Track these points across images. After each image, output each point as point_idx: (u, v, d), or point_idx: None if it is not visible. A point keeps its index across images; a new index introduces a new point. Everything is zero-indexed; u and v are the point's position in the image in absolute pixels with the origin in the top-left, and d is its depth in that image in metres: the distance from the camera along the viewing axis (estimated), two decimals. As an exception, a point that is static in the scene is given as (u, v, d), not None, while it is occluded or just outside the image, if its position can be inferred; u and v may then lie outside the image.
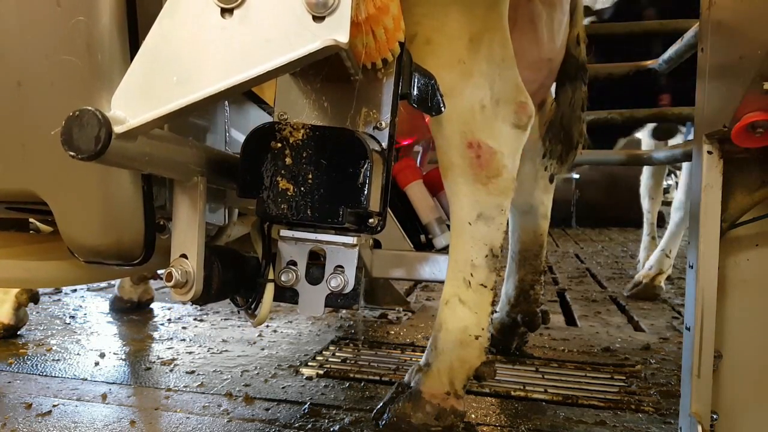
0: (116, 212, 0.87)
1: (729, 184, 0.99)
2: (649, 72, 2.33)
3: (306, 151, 0.86)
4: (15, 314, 2.06)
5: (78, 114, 0.64)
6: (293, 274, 1.00)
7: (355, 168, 0.86)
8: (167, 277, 0.88)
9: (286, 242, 1.00)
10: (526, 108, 1.31)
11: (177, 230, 0.90)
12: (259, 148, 0.87)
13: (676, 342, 2.20)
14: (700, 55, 1.01)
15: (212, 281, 0.94)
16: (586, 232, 8.33)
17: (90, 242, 0.89)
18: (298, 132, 0.87)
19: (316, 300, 1.00)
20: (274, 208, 0.87)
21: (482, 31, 1.25)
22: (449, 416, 1.29)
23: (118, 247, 0.89)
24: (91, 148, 0.64)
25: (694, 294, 1.00)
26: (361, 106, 0.98)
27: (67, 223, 0.89)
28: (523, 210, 1.93)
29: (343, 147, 0.86)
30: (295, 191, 0.86)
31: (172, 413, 1.43)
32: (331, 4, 0.65)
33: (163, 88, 0.69)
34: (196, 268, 0.89)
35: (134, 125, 0.67)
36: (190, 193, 0.89)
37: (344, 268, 0.99)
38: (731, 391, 1.02)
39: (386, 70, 0.95)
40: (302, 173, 0.86)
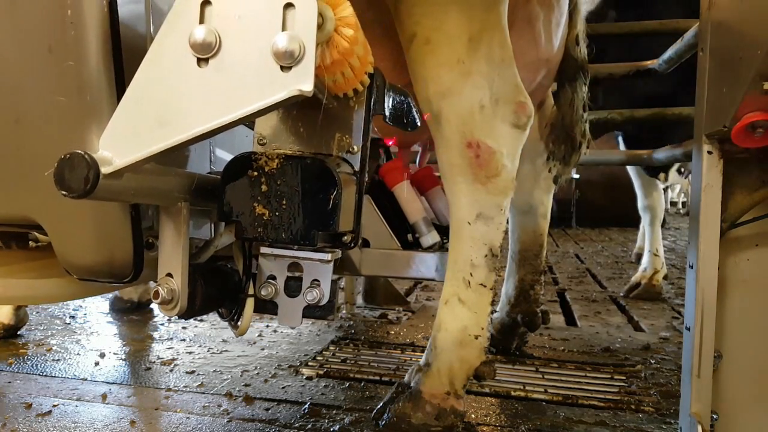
0: (107, 236, 0.95)
1: (729, 184, 0.99)
2: (649, 72, 2.33)
3: (280, 179, 0.94)
4: (15, 314, 2.06)
5: (69, 157, 0.70)
6: (272, 288, 1.07)
7: (325, 194, 0.93)
8: (154, 296, 0.96)
9: (266, 258, 1.08)
10: (526, 108, 1.31)
11: (163, 251, 0.97)
12: (237, 176, 0.95)
13: (676, 342, 2.20)
14: (700, 55, 1.01)
15: (196, 297, 1.01)
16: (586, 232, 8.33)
17: (83, 263, 0.96)
18: (273, 161, 0.94)
19: (294, 311, 1.08)
20: (251, 231, 0.95)
21: (481, 31, 1.25)
22: (449, 416, 1.29)
23: (109, 267, 0.97)
24: (81, 187, 0.71)
25: (694, 294, 0.99)
26: (335, 132, 1.05)
27: (61, 245, 0.96)
28: (523, 210, 1.93)
29: (314, 175, 0.94)
30: (271, 216, 0.94)
31: (172, 413, 1.43)
32: (297, 56, 0.71)
33: (147, 130, 0.75)
34: (180, 286, 0.97)
35: (120, 166, 0.74)
36: (175, 217, 0.96)
37: (320, 282, 1.07)
38: (731, 391, 1.01)
39: (357, 98, 1.02)
40: (277, 199, 0.94)
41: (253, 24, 0.73)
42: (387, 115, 1.07)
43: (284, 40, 0.70)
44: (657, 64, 2.26)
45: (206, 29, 0.73)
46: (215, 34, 0.73)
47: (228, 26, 0.73)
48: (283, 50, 0.70)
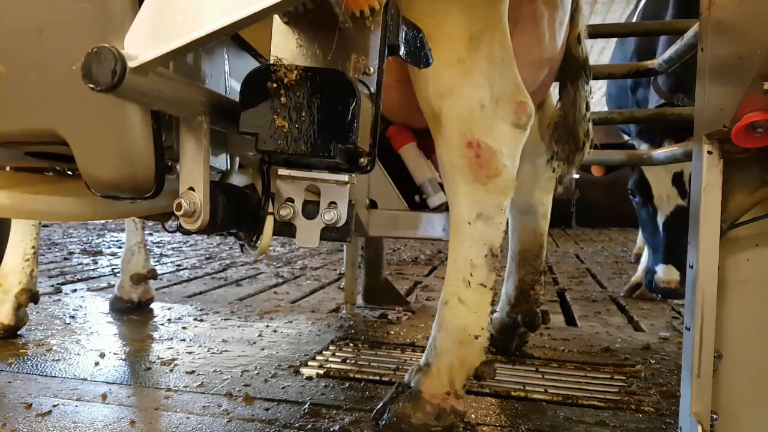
0: (130, 148, 0.95)
1: (729, 184, 0.99)
2: (649, 72, 2.33)
3: (299, 90, 0.94)
4: (15, 314, 2.06)
5: (96, 50, 0.72)
6: (291, 209, 1.08)
7: (344, 106, 0.93)
8: (177, 207, 0.97)
9: (284, 181, 1.09)
10: (526, 107, 1.31)
11: (184, 165, 0.99)
12: (256, 88, 0.95)
13: (676, 342, 2.20)
14: (700, 55, 1.01)
15: (217, 212, 1.03)
16: (586, 232, 8.33)
17: (106, 176, 0.97)
18: (292, 73, 0.94)
19: (312, 232, 1.09)
20: (271, 144, 0.94)
21: (482, 30, 1.25)
22: (449, 416, 1.29)
23: (132, 181, 0.97)
24: (108, 80, 0.72)
25: (694, 294, 0.99)
26: (351, 53, 1.04)
27: (85, 160, 0.97)
28: (523, 210, 1.93)
29: (333, 87, 0.94)
30: (290, 128, 0.94)
31: (172, 413, 1.43)
32: None
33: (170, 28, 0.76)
34: (203, 200, 0.98)
35: (146, 60, 0.75)
36: (195, 131, 0.97)
37: (337, 204, 1.08)
38: (731, 392, 1.01)
39: (374, 18, 1.01)
40: (296, 111, 0.94)
41: None
42: (401, 47, 1.06)
43: None
44: (657, 64, 2.26)
45: None
46: None
47: None
48: None
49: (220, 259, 4.43)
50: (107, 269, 3.82)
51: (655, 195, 2.54)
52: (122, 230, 5.91)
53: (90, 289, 3.06)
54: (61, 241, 5.37)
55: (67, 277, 3.43)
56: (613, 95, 3.38)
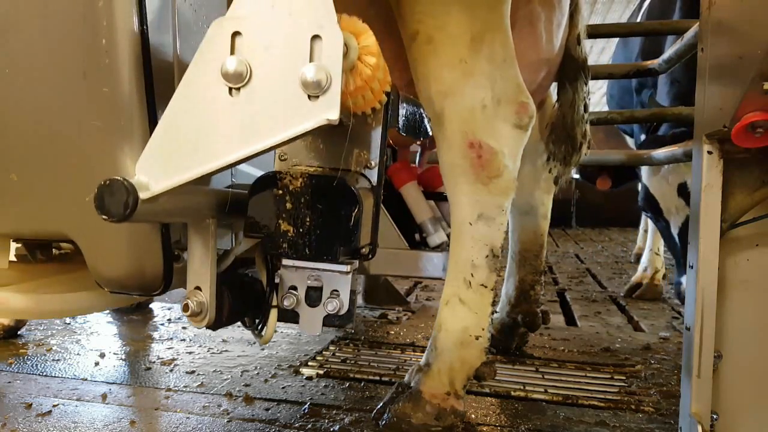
0: (138, 250, 0.99)
1: (729, 184, 0.99)
2: (649, 72, 2.33)
3: (304, 197, 0.99)
4: (15, 314, 2.06)
5: (109, 183, 0.74)
6: (294, 298, 1.12)
7: (347, 212, 0.98)
8: (184, 308, 1.01)
9: (288, 270, 1.12)
10: (528, 108, 1.31)
11: (191, 265, 1.02)
12: (263, 194, 1.00)
13: (676, 342, 2.20)
14: (700, 55, 1.01)
15: (223, 309, 1.06)
16: (586, 232, 8.33)
17: (115, 276, 1.00)
18: (297, 180, 0.99)
19: (314, 320, 1.12)
20: (276, 247, 1.00)
21: (484, 31, 1.25)
22: (449, 416, 1.29)
23: (140, 280, 1.01)
24: (120, 212, 0.75)
25: (694, 294, 1.00)
26: (353, 148, 1.11)
27: (94, 260, 1.00)
28: (524, 210, 1.93)
29: (336, 194, 0.99)
30: (295, 232, 0.99)
31: (172, 413, 1.43)
32: (324, 84, 0.74)
33: (182, 157, 0.79)
34: (209, 299, 1.01)
35: (157, 191, 0.78)
36: (203, 233, 1.00)
37: (339, 292, 1.11)
38: (731, 392, 1.01)
39: (375, 116, 1.08)
40: (301, 217, 0.99)
41: (282, 54, 0.76)
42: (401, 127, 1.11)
43: (312, 71, 0.73)
44: (657, 64, 2.26)
45: (237, 60, 0.76)
46: (246, 64, 0.76)
47: (258, 57, 0.77)
48: (311, 80, 0.73)
49: (220, 259, 4.43)
50: (107, 269, 3.82)
51: (663, 209, 2.52)
52: (122, 230, 5.91)
53: (90, 289, 3.06)
54: (61, 241, 5.37)
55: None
56: (615, 96, 3.36)
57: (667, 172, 2.44)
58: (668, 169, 2.43)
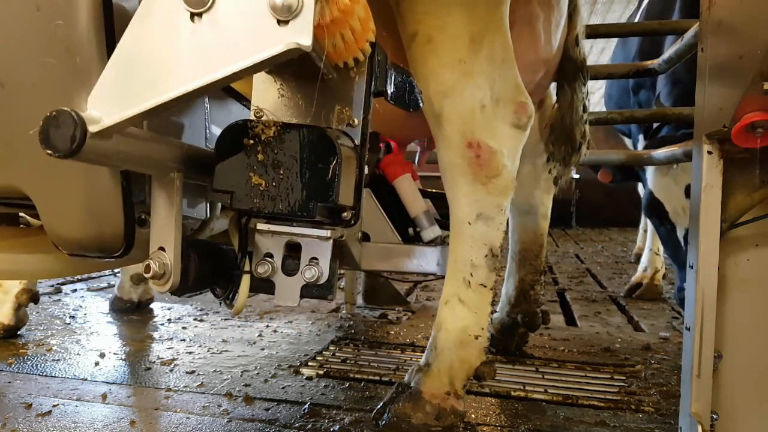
0: (96, 207, 0.91)
1: (729, 184, 0.99)
2: (649, 72, 2.33)
3: (277, 147, 0.90)
4: (15, 314, 2.06)
5: (54, 114, 0.67)
6: (269, 266, 1.03)
7: (324, 164, 0.89)
8: (146, 269, 0.92)
9: (263, 235, 1.04)
10: (526, 108, 1.31)
11: (155, 224, 0.94)
12: (232, 144, 0.91)
13: (676, 342, 2.20)
14: (700, 55, 1.01)
15: (189, 273, 0.98)
16: (586, 232, 8.33)
17: (72, 235, 0.92)
18: (270, 129, 0.90)
19: (291, 290, 1.04)
20: (246, 202, 0.90)
21: (483, 31, 1.25)
22: (449, 416, 1.29)
23: (99, 240, 0.92)
24: (66, 146, 0.67)
25: (694, 294, 1.00)
26: (335, 104, 1.01)
27: (49, 218, 0.92)
28: (523, 210, 1.93)
29: (313, 144, 0.90)
30: (267, 186, 0.90)
31: (172, 413, 1.43)
32: (294, 9, 0.68)
33: (136, 88, 0.72)
34: (173, 261, 0.93)
35: (108, 124, 0.71)
36: (167, 188, 0.92)
37: (319, 260, 1.02)
38: (731, 391, 1.01)
39: (358, 69, 0.98)
40: (274, 169, 0.90)
41: None
42: (389, 93, 1.03)
43: None
44: (657, 64, 2.26)
45: None
46: None
47: None
48: (280, 4, 0.68)
49: (220, 259, 4.43)
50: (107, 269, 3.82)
51: (670, 211, 2.49)
52: (122, 230, 5.90)
53: (90, 289, 3.06)
54: (61, 241, 5.37)
55: (67, 277, 3.43)
56: (613, 96, 3.36)
57: (675, 172, 2.42)
58: (676, 170, 2.41)
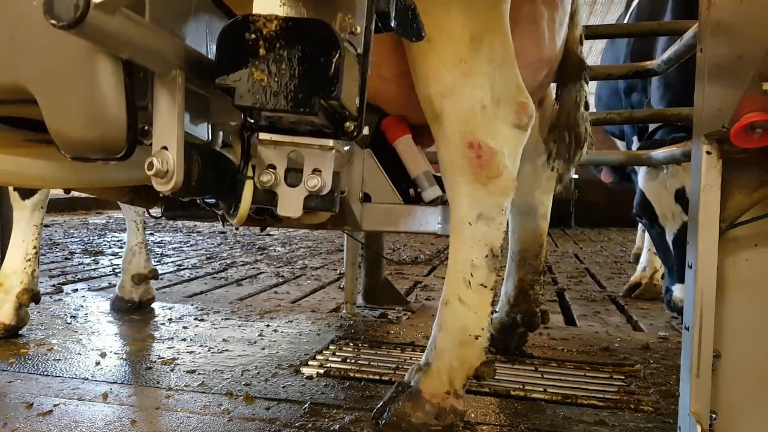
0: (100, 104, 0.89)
1: (728, 184, 0.99)
2: (648, 72, 2.33)
3: (279, 42, 0.88)
4: (16, 314, 2.06)
5: None
6: (272, 176, 1.03)
7: (327, 58, 0.87)
8: (148, 167, 0.91)
9: (265, 146, 1.03)
10: (527, 108, 1.31)
11: (157, 123, 0.93)
12: (234, 40, 0.89)
13: (675, 342, 2.20)
14: (699, 56, 1.01)
15: (192, 174, 0.97)
16: (585, 232, 8.34)
17: (75, 135, 0.91)
18: (272, 23, 0.88)
19: (294, 201, 1.03)
20: (248, 99, 0.89)
21: (483, 31, 1.25)
22: (449, 415, 1.29)
23: (102, 140, 0.91)
24: (70, 15, 0.66)
25: (693, 294, 1.00)
26: (337, 11, 0.99)
27: (53, 117, 0.91)
28: (523, 210, 1.94)
29: (315, 38, 0.88)
30: (269, 81, 0.88)
31: (173, 412, 1.43)
32: None
33: None
34: (176, 160, 0.92)
35: None
36: (169, 86, 0.91)
37: (322, 171, 1.02)
38: (730, 391, 1.02)
39: None
40: (276, 64, 0.88)
41: None
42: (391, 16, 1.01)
43: None
44: (656, 64, 2.26)
45: None
46: None
47: None
48: None
49: (221, 258, 4.43)
50: (108, 269, 3.82)
51: (659, 215, 2.50)
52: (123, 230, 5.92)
53: (91, 289, 3.06)
54: (62, 241, 5.37)
55: (68, 277, 3.43)
56: (603, 98, 3.34)
57: (665, 177, 2.43)
58: (666, 174, 2.41)
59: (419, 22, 1.07)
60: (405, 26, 1.06)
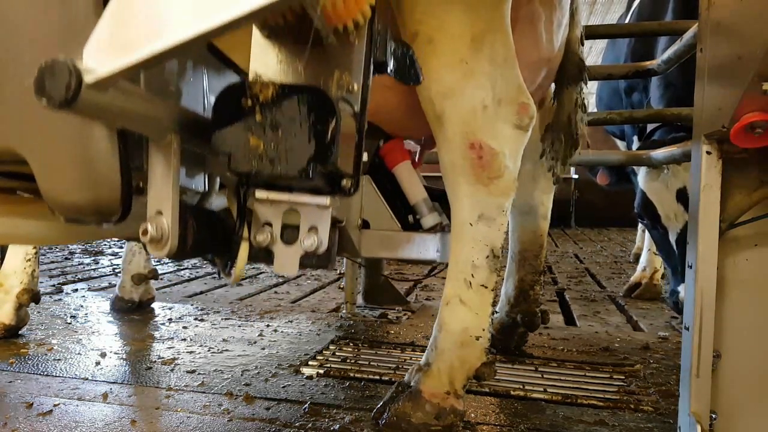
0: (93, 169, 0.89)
1: (728, 184, 0.99)
2: (648, 72, 2.33)
3: (275, 108, 0.89)
4: (16, 314, 2.06)
5: (50, 64, 0.66)
6: (268, 234, 1.02)
7: (323, 125, 0.87)
8: (143, 233, 0.91)
9: (262, 203, 1.02)
10: (528, 109, 1.31)
11: (152, 187, 0.93)
12: (230, 105, 0.90)
13: (674, 342, 2.20)
14: (699, 56, 1.02)
15: (187, 238, 0.96)
16: (585, 232, 8.34)
17: (68, 199, 0.90)
18: (268, 90, 0.89)
19: (290, 259, 1.02)
20: (244, 165, 0.89)
21: (484, 31, 1.25)
22: (449, 415, 1.29)
23: (95, 204, 0.91)
24: (62, 96, 0.66)
25: (693, 294, 1.00)
26: (334, 70, 0.99)
27: (46, 181, 0.90)
28: (523, 210, 1.94)
29: (311, 105, 0.88)
30: (265, 148, 0.89)
31: (173, 412, 1.43)
32: None
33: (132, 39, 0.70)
34: (171, 224, 0.92)
35: (104, 74, 0.69)
36: (164, 150, 0.91)
37: (318, 229, 1.01)
38: (730, 391, 1.02)
39: (358, 33, 0.97)
40: (272, 130, 0.89)
41: None
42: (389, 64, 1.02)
43: None
44: (656, 64, 2.26)
45: None
46: None
47: None
48: None
49: (220, 259, 4.43)
50: (108, 269, 3.83)
51: (662, 215, 2.50)
52: (122, 230, 5.89)
53: (91, 289, 3.06)
54: (60, 241, 5.37)
55: (68, 277, 3.43)
56: (603, 98, 3.34)
57: (666, 176, 2.42)
58: (667, 174, 2.41)
59: (417, 67, 1.09)
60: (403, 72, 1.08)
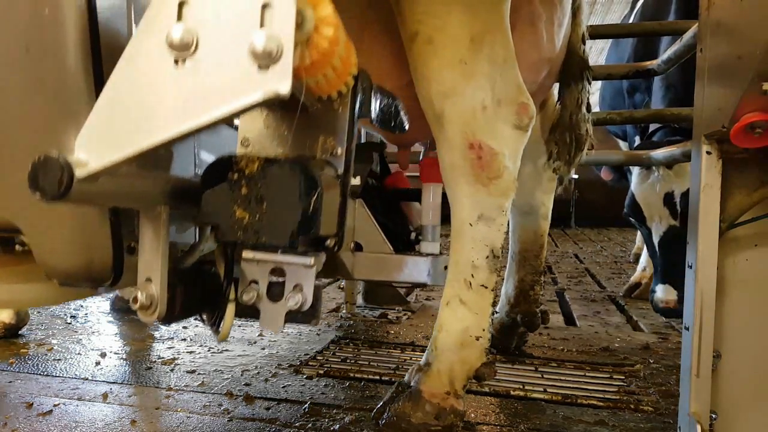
0: (85, 239, 0.95)
1: (728, 184, 0.99)
2: (648, 72, 2.33)
3: (260, 182, 0.93)
4: (16, 314, 2.06)
5: (42, 160, 0.70)
6: (254, 293, 1.06)
7: (306, 198, 0.92)
8: (133, 301, 0.97)
9: (248, 263, 1.07)
10: (528, 109, 1.31)
11: (142, 256, 0.97)
12: (217, 178, 0.94)
13: (674, 342, 2.20)
14: (699, 56, 1.02)
15: (175, 303, 1.01)
16: (585, 232, 8.34)
17: (62, 267, 0.96)
18: (253, 164, 0.93)
19: (276, 316, 1.06)
20: (230, 235, 0.94)
21: (484, 32, 1.25)
22: (449, 415, 1.29)
23: (88, 271, 0.96)
24: (54, 190, 0.70)
25: (693, 294, 1.00)
26: (319, 135, 1.05)
27: (40, 249, 0.96)
28: (524, 211, 1.94)
29: (295, 178, 0.93)
30: (251, 219, 0.93)
31: (173, 412, 1.43)
32: (274, 55, 0.69)
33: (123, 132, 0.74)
34: (159, 292, 0.97)
35: (95, 169, 0.73)
36: (154, 221, 0.95)
37: (303, 287, 1.05)
38: (730, 391, 1.02)
39: (342, 100, 1.00)
40: (257, 202, 0.93)
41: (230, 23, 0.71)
42: (374, 118, 1.06)
43: (261, 39, 0.68)
44: (656, 64, 2.27)
45: (184, 28, 0.71)
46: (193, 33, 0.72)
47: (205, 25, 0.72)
48: (260, 49, 0.69)
49: (220, 259, 4.44)
50: (107, 269, 3.82)
51: (647, 216, 2.53)
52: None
53: (90, 289, 3.06)
54: (60, 241, 5.37)
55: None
56: (606, 98, 3.35)
57: (655, 180, 2.45)
58: (657, 177, 2.43)
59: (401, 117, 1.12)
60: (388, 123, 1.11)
